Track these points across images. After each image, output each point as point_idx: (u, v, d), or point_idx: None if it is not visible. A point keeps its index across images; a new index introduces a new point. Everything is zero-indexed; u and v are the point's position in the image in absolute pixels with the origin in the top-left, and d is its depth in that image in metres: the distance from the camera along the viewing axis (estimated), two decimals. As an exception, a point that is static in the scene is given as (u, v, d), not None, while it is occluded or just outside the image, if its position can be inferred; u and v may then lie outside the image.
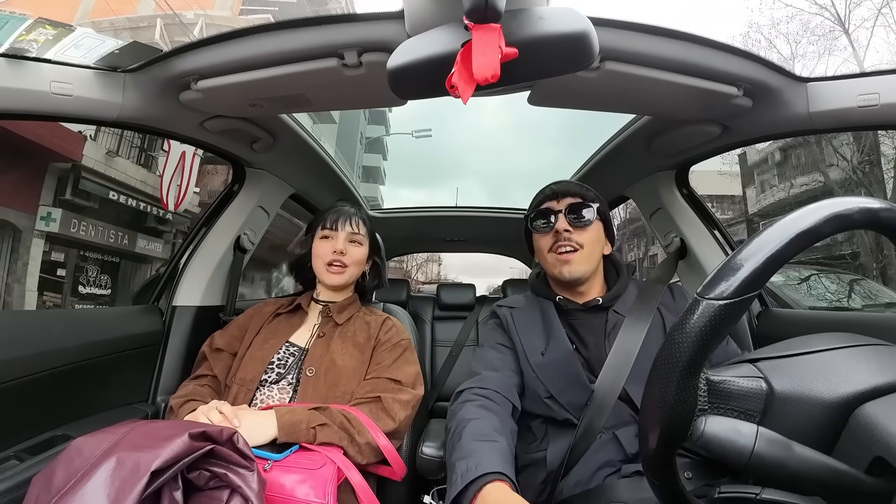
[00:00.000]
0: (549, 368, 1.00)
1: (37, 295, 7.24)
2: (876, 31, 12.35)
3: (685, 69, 0.91)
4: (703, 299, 0.43)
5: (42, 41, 0.88)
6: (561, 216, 1.07)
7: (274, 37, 0.87)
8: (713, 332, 0.42)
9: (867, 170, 9.81)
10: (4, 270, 7.01)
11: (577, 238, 1.05)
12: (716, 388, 0.47)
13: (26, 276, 7.12)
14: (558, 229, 1.06)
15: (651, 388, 0.46)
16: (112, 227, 8.48)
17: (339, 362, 1.10)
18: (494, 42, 0.61)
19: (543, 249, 1.10)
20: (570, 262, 1.05)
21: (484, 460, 0.76)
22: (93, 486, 0.59)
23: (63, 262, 7.78)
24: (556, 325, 1.05)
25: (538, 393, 0.99)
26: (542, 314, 1.10)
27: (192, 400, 1.03)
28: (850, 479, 0.40)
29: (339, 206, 1.27)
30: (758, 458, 0.41)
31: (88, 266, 8.32)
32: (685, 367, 0.43)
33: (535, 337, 1.06)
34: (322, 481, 0.83)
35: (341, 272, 1.21)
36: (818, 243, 0.47)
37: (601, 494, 0.82)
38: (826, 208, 0.43)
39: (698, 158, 1.38)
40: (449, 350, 2.54)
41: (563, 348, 1.01)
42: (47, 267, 7.52)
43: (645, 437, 0.48)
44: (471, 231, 2.74)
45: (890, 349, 0.50)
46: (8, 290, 7.00)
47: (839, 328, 0.62)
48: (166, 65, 0.95)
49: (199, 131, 1.18)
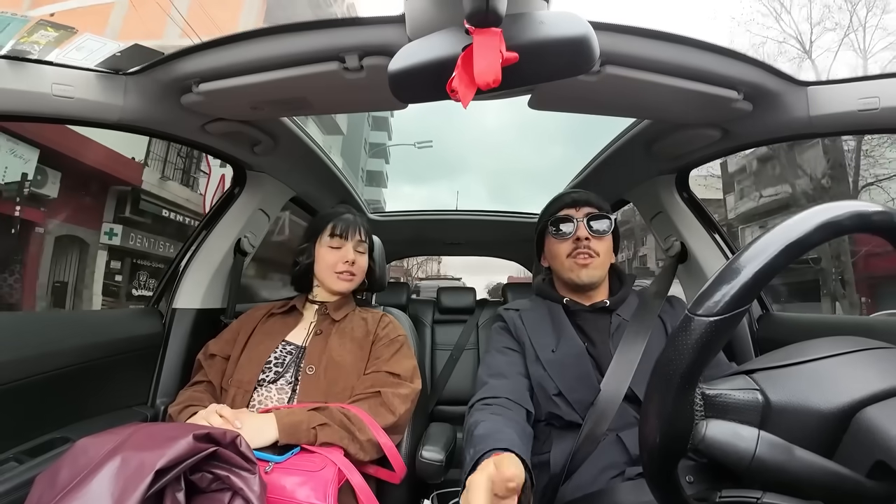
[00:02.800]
0: (561, 365, 1.02)
1: (101, 298, 8.42)
2: (840, 56, 13.09)
3: (685, 73, 0.91)
4: (695, 316, 0.43)
5: (44, 43, 0.88)
6: (581, 224, 1.11)
7: (275, 40, 0.87)
8: (705, 348, 0.42)
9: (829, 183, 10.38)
10: (75, 278, 8.23)
11: (595, 246, 1.10)
12: (712, 401, 0.47)
13: (93, 283, 8.39)
14: (579, 236, 1.10)
15: (648, 403, 0.46)
16: (161, 238, 9.70)
17: (337, 358, 1.10)
18: (495, 46, 0.61)
19: (561, 254, 1.12)
20: (588, 267, 1.09)
21: (497, 441, 0.77)
22: (97, 484, 0.60)
23: (120, 270, 9.07)
24: (566, 324, 1.09)
25: (546, 390, 1.01)
26: (551, 314, 1.13)
27: (190, 406, 1.03)
28: (852, 483, 0.40)
29: (342, 213, 1.27)
30: (759, 462, 0.41)
31: (140, 272, 9.54)
32: (680, 383, 0.43)
33: (546, 335, 1.08)
34: (323, 483, 0.84)
35: (351, 280, 1.23)
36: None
37: (603, 498, 0.82)
38: (816, 216, 0.43)
39: (699, 162, 1.38)
40: (449, 353, 2.54)
41: (575, 345, 1.04)
42: (108, 274, 8.75)
43: (645, 450, 0.48)
44: (471, 234, 2.74)
45: (889, 352, 0.50)
46: (78, 294, 8.20)
47: (841, 332, 0.62)
48: (168, 68, 0.95)
49: (201, 134, 1.18)
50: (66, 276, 8.02)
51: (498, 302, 2.84)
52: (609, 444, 0.89)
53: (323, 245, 1.23)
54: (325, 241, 1.23)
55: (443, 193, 67.58)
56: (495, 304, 2.78)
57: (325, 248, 1.23)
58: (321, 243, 1.23)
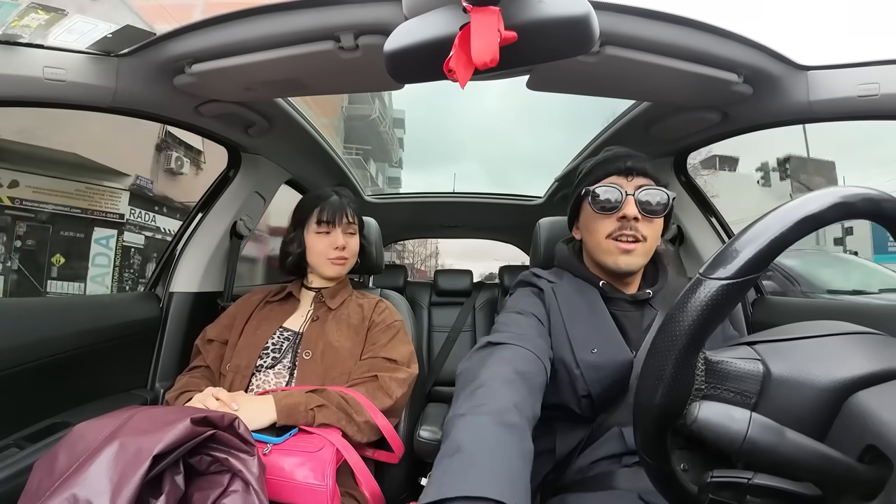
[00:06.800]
0: (600, 371, 0.85)
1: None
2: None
3: (686, 55, 0.90)
4: (706, 278, 0.43)
5: (35, 26, 0.87)
6: (631, 199, 0.90)
7: (269, 19, 0.86)
8: (715, 311, 0.43)
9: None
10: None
11: (643, 229, 0.91)
12: (713, 367, 0.47)
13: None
14: (627, 215, 0.90)
15: (649, 365, 0.46)
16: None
17: (335, 344, 1.11)
18: (493, 25, 0.60)
19: (601, 233, 0.93)
20: (631, 254, 0.91)
21: (485, 478, 0.51)
22: (96, 469, 0.60)
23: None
24: (607, 321, 0.91)
25: (575, 390, 0.86)
26: (587, 300, 0.95)
27: (186, 391, 1.04)
28: (843, 467, 0.41)
29: (328, 196, 1.24)
30: (750, 444, 0.41)
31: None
32: (685, 344, 0.43)
33: (583, 326, 0.90)
34: (321, 463, 0.85)
35: (343, 264, 1.22)
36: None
37: (600, 482, 0.82)
38: (831, 195, 0.43)
39: (697, 145, 1.38)
40: (446, 335, 2.56)
41: (621, 353, 0.86)
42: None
43: (640, 413, 0.48)
44: (469, 217, 2.74)
45: (883, 338, 0.51)
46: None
47: (834, 315, 0.63)
48: (160, 49, 0.93)
49: (194, 116, 1.17)
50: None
51: (494, 285, 2.85)
52: (610, 436, 0.86)
53: (311, 232, 1.21)
54: (312, 228, 1.21)
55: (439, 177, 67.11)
56: (492, 287, 2.79)
57: (314, 236, 1.21)
58: (309, 230, 1.21)
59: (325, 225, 1.20)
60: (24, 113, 4.74)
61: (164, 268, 1.41)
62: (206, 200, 1.47)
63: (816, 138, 14.44)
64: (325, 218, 1.20)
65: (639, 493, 0.76)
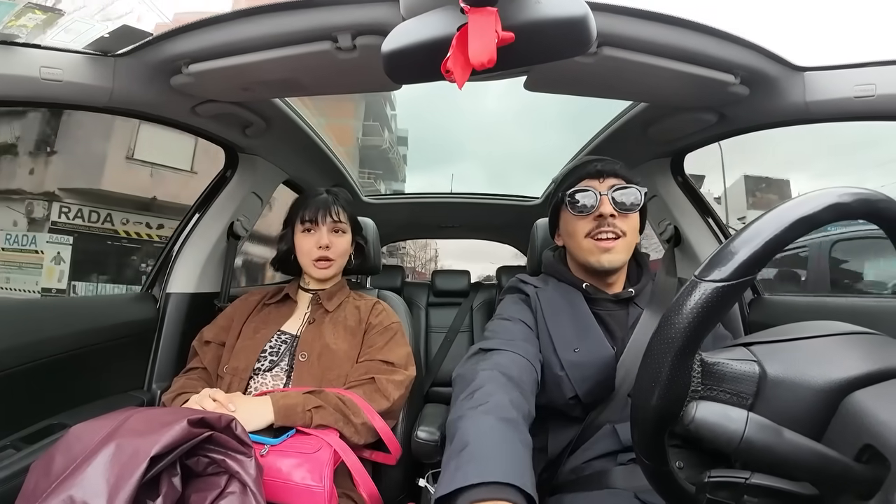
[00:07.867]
0: (583, 369, 0.88)
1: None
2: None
3: (683, 56, 0.91)
4: (701, 281, 0.44)
5: (31, 26, 0.87)
6: (605, 199, 0.94)
7: (266, 19, 0.85)
8: (710, 314, 0.43)
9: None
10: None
11: (621, 224, 0.94)
12: (710, 369, 0.47)
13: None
14: (603, 213, 0.94)
15: (646, 368, 0.47)
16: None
17: (332, 346, 1.10)
18: (491, 26, 0.60)
19: (579, 233, 0.96)
20: (611, 251, 0.94)
21: (490, 463, 0.57)
22: (92, 471, 0.60)
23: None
24: (590, 320, 0.95)
25: (562, 391, 0.89)
26: (569, 302, 0.98)
27: (183, 393, 1.03)
28: (840, 466, 0.41)
29: (316, 196, 1.22)
30: (747, 444, 0.41)
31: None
32: (681, 347, 0.44)
33: (565, 328, 0.94)
34: (319, 465, 0.84)
35: (328, 265, 1.19)
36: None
37: (595, 481, 0.82)
38: (827, 196, 0.44)
39: (694, 146, 1.38)
40: (444, 336, 2.56)
41: (602, 350, 0.90)
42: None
43: (637, 416, 0.48)
44: (466, 217, 2.73)
45: (879, 338, 0.51)
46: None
47: (831, 315, 0.63)
48: (157, 48, 0.93)
49: (191, 116, 1.17)
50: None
51: (492, 286, 2.85)
52: (605, 434, 0.87)
53: (297, 232, 1.20)
54: (299, 227, 1.20)
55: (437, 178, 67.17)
56: (489, 288, 2.79)
57: (300, 234, 1.19)
58: (296, 229, 1.20)
59: (308, 223, 1.18)
60: (177, 178, 7.66)
61: (161, 268, 1.41)
62: (203, 201, 1.46)
63: (816, 139, 14.12)
64: (307, 217, 1.18)
65: (635, 492, 0.76)
